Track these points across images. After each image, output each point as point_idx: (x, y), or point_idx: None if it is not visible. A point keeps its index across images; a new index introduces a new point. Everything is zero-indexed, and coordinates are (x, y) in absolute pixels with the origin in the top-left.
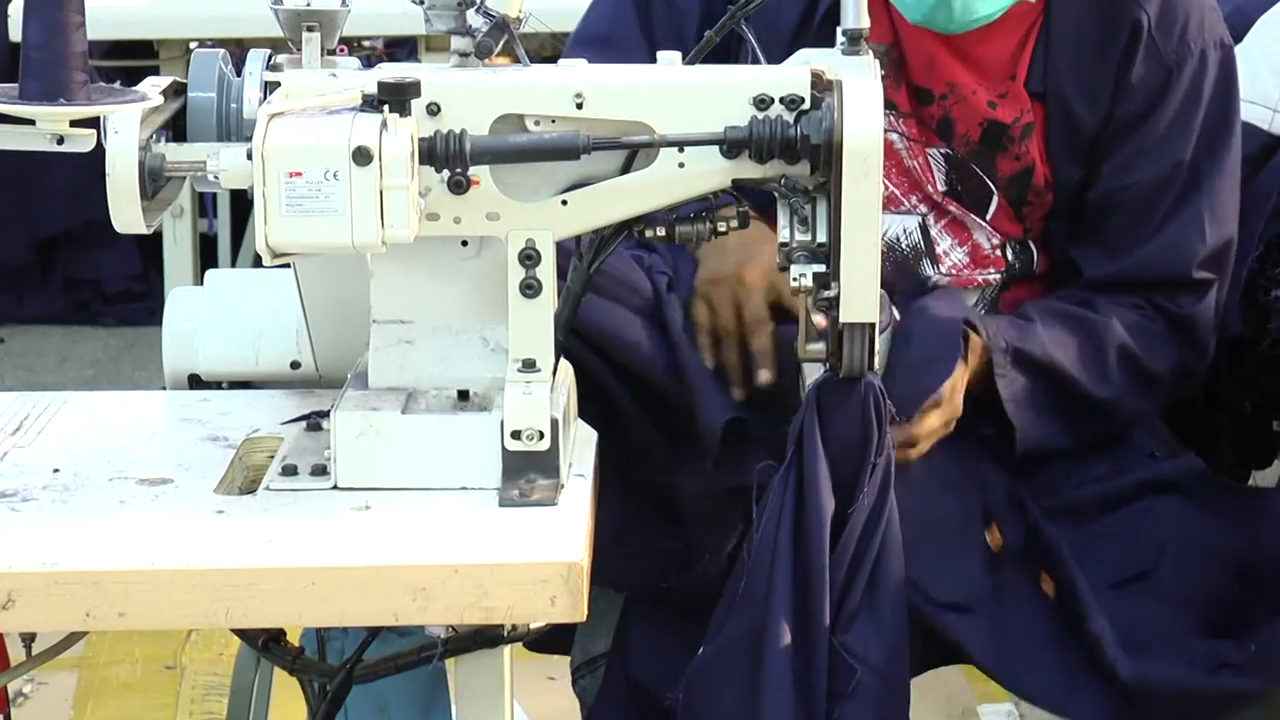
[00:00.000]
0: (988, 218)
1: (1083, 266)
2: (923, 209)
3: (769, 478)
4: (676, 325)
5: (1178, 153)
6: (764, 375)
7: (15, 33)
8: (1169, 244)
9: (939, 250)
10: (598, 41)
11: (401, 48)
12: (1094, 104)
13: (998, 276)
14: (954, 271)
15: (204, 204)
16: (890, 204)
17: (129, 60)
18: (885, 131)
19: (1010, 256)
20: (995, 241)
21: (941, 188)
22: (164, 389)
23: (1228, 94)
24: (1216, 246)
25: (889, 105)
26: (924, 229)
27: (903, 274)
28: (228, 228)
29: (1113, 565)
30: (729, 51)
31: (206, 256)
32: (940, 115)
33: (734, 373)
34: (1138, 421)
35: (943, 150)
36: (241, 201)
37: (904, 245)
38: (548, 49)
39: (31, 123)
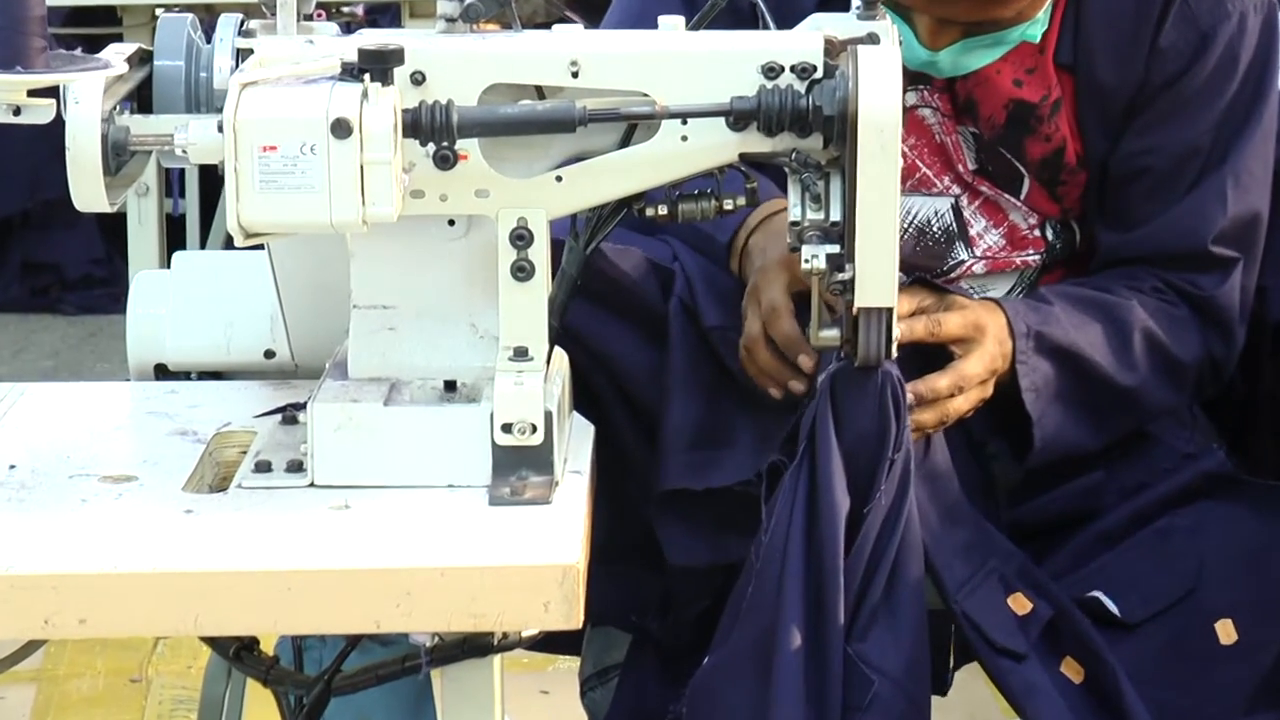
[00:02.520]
0: (1022, 198)
1: (1098, 240)
2: (956, 189)
3: (779, 473)
4: (676, 351)
5: (1207, 120)
6: (797, 387)
7: None
8: (1186, 214)
9: (973, 232)
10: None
11: (383, 13)
12: (1126, 71)
13: (1037, 258)
14: (989, 254)
15: (170, 181)
16: (922, 185)
17: (90, 28)
18: (917, 107)
19: (1050, 236)
20: (1033, 221)
21: (972, 166)
22: (128, 380)
23: (1267, 61)
24: (1240, 219)
25: (924, 78)
26: (956, 210)
27: (935, 259)
28: (196, 207)
29: (1151, 592)
30: (746, 25)
31: (173, 238)
32: (965, 95)
33: (799, 387)
34: (1163, 418)
35: (971, 130)
36: (210, 179)
37: (935, 228)
38: (540, 14)
39: None
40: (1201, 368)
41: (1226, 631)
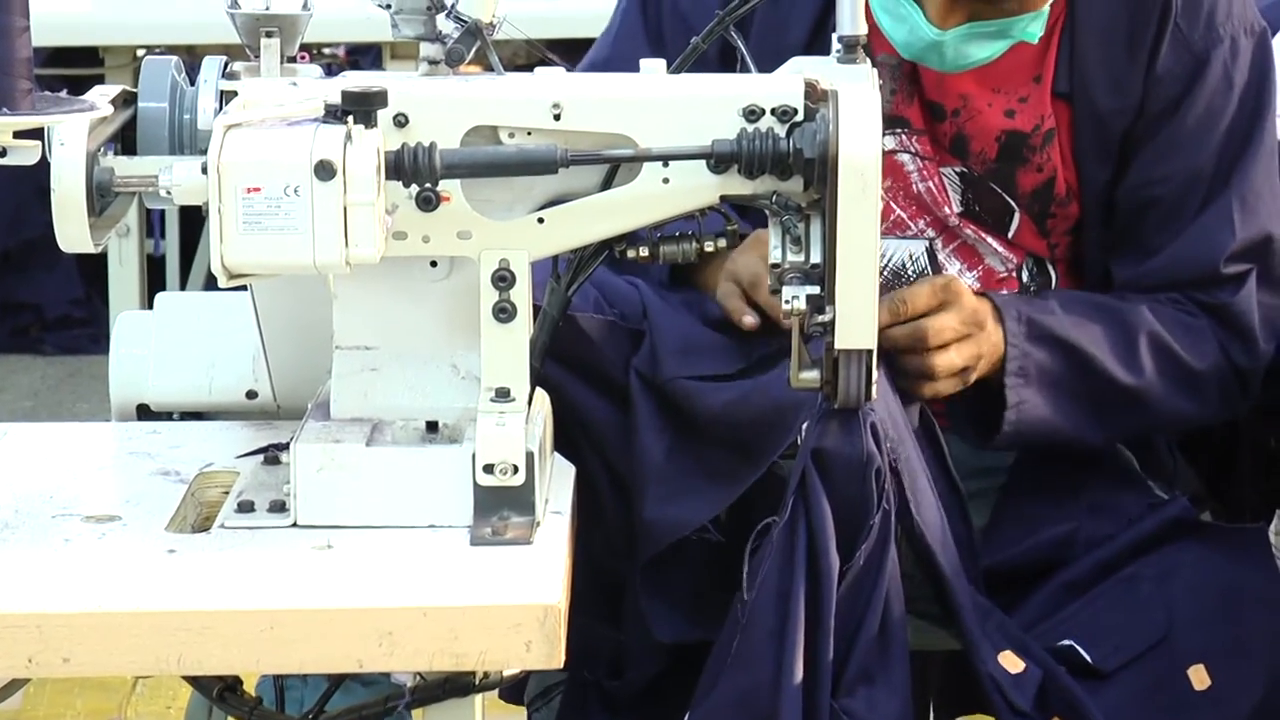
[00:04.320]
0: (1010, 235)
1: (1114, 273)
2: (931, 232)
3: (767, 530)
4: (642, 420)
5: (1208, 145)
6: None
7: None
8: (1196, 239)
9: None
10: (605, 65)
11: (365, 55)
12: (1123, 99)
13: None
14: None
15: (150, 222)
16: (896, 228)
17: (71, 69)
18: (895, 152)
19: (1025, 278)
20: (1012, 264)
21: (958, 209)
22: (109, 420)
23: (1263, 83)
24: (1250, 242)
25: (900, 122)
26: (931, 253)
27: None
28: (176, 248)
29: (1122, 640)
30: (729, 67)
31: (153, 279)
32: (954, 132)
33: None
34: (1177, 426)
35: (958, 169)
36: (190, 220)
37: (911, 271)
38: (522, 56)
39: None
40: (1222, 376)
41: (1200, 678)
